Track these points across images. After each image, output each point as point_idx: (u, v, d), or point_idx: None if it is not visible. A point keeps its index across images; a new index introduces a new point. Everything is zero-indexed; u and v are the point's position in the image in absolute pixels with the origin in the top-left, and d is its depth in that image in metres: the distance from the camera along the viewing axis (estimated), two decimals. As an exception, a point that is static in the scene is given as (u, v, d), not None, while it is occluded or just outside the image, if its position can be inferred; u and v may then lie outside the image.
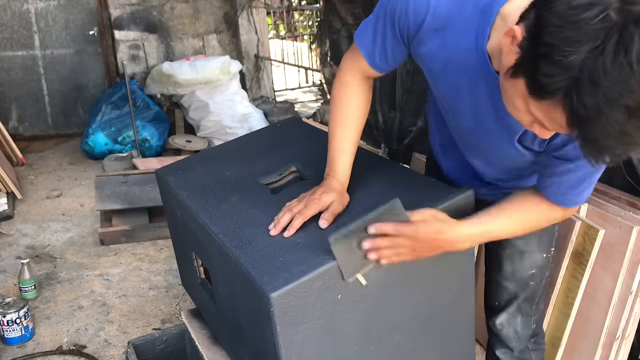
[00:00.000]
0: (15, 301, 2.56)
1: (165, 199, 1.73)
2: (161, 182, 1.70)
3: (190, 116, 5.43)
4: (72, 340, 2.57)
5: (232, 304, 1.36)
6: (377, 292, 1.22)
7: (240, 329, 1.35)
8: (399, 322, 1.30)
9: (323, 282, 1.13)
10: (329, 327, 1.17)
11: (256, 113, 5.44)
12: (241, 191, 1.49)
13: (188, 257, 1.65)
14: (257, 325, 1.20)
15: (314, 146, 1.65)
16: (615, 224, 1.81)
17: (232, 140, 1.85)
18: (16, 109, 5.82)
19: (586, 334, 1.90)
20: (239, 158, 1.70)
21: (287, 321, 1.10)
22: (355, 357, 1.24)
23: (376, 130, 4.12)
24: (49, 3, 5.67)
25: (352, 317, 1.20)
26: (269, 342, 1.15)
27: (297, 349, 1.14)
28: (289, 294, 1.08)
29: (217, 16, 6.08)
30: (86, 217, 3.97)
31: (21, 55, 5.72)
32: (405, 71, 3.71)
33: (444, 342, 1.42)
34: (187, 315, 1.85)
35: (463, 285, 1.39)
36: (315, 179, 1.41)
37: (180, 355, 1.93)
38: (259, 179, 1.55)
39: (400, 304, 1.28)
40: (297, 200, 1.32)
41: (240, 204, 1.42)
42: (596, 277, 1.86)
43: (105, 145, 5.14)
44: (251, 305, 1.20)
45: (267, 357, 1.20)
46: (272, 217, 1.30)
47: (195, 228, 1.45)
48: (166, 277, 3.11)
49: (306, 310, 1.12)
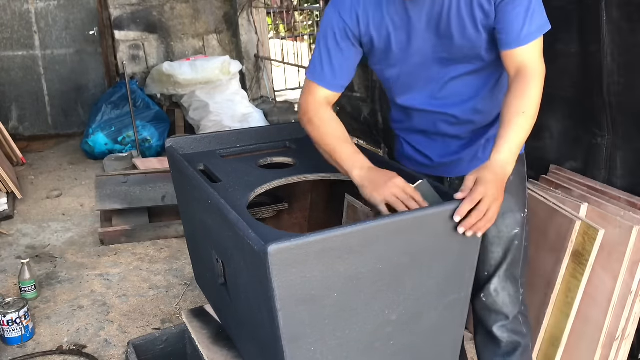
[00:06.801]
0: (16, 301, 2.57)
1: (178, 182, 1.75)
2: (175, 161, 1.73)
3: (191, 116, 5.43)
4: (72, 340, 2.57)
5: (244, 297, 1.37)
6: (379, 272, 1.23)
7: (253, 321, 1.35)
8: (400, 300, 1.29)
9: (322, 247, 1.13)
10: (330, 299, 1.18)
11: (256, 113, 5.44)
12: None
13: (202, 250, 1.66)
14: (258, 290, 1.20)
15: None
16: (615, 224, 1.81)
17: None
18: (16, 109, 5.83)
19: (586, 334, 1.90)
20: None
21: (281, 270, 1.10)
22: (356, 336, 1.24)
23: (376, 131, 4.12)
24: (49, 3, 5.67)
25: (357, 294, 1.21)
26: (269, 306, 1.15)
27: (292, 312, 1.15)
28: (285, 250, 1.08)
29: (217, 16, 6.08)
30: (86, 217, 3.97)
31: (21, 55, 5.73)
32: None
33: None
34: (188, 315, 1.86)
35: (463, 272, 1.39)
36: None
37: (180, 355, 1.93)
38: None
39: (401, 283, 1.28)
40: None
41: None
42: (596, 277, 1.86)
43: (105, 145, 5.14)
44: (251, 270, 1.20)
45: (274, 337, 1.20)
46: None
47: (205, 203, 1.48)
48: (166, 277, 3.11)
49: (304, 273, 1.13)
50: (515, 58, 1.40)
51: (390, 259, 1.22)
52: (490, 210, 1.25)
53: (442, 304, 1.35)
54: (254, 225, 1.18)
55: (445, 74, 1.51)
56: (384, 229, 1.19)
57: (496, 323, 1.66)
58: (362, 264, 1.18)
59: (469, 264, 1.35)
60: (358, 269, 1.18)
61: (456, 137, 1.61)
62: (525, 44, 1.39)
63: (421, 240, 1.24)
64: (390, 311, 1.27)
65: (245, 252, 1.19)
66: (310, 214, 2.02)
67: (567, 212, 1.93)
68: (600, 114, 2.00)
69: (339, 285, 1.17)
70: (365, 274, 1.19)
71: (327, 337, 1.21)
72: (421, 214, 1.24)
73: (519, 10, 1.37)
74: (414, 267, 1.26)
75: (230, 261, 1.38)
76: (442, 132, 1.61)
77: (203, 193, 1.42)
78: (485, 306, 1.67)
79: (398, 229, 1.21)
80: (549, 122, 2.21)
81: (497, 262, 1.63)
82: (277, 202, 1.90)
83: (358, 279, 1.19)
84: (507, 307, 1.65)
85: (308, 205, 2.01)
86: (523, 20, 1.38)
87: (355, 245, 1.16)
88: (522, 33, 1.38)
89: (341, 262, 1.16)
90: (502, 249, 1.62)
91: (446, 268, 1.31)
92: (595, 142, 2.05)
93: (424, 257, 1.27)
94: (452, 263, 1.32)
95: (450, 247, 1.28)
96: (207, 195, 1.39)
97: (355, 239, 1.15)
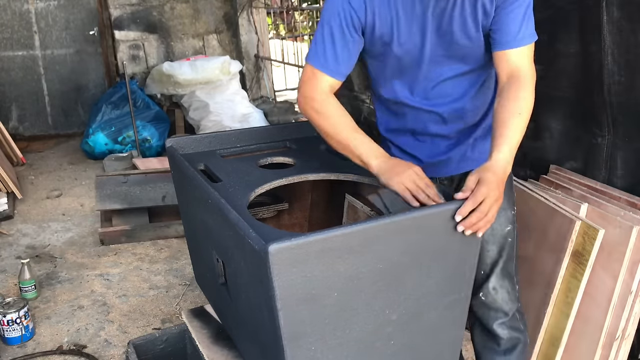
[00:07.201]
0: (16, 301, 2.57)
1: (179, 180, 1.75)
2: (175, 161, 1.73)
3: (191, 116, 5.43)
4: (72, 340, 2.57)
5: (244, 297, 1.37)
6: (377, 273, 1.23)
7: (253, 321, 1.35)
8: (400, 300, 1.29)
9: (323, 246, 1.13)
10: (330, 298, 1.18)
11: (256, 113, 5.44)
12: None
13: (202, 250, 1.66)
14: (257, 287, 1.20)
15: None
16: (615, 224, 1.81)
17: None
18: (16, 109, 5.83)
19: (586, 334, 1.90)
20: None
21: (282, 269, 1.10)
22: (356, 336, 1.24)
23: (376, 131, 4.12)
24: (49, 3, 5.67)
25: (358, 293, 1.21)
26: (268, 301, 1.15)
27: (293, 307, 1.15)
28: (286, 249, 1.08)
29: (217, 16, 6.08)
30: (86, 217, 3.97)
31: (21, 55, 5.73)
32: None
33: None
34: (188, 315, 1.86)
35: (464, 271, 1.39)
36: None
37: (180, 355, 1.93)
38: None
39: (401, 283, 1.28)
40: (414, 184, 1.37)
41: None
42: (596, 277, 1.86)
43: (105, 145, 5.14)
44: (251, 269, 1.20)
45: (274, 335, 1.20)
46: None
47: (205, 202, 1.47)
48: (166, 276, 3.11)
49: (304, 273, 1.13)
50: (509, 59, 1.42)
51: (390, 259, 1.22)
52: (491, 211, 1.26)
53: (443, 304, 1.35)
54: (255, 225, 1.18)
55: (440, 73, 1.51)
56: (384, 229, 1.19)
57: (496, 321, 1.67)
58: (363, 264, 1.18)
59: (469, 264, 1.35)
60: (358, 269, 1.18)
61: (445, 136, 1.62)
62: (520, 45, 1.41)
63: (421, 240, 1.24)
64: (391, 311, 1.27)
65: (245, 252, 1.19)
66: (311, 214, 2.02)
67: (567, 212, 1.93)
68: (600, 114, 2.00)
69: (339, 284, 1.17)
70: (365, 274, 1.19)
71: (327, 336, 1.21)
72: (421, 214, 1.24)
73: (517, 12, 1.39)
74: (414, 267, 1.26)
75: (230, 261, 1.38)
76: (431, 133, 1.62)
77: (203, 193, 1.43)
78: (484, 304, 1.67)
79: (398, 229, 1.21)
80: (549, 122, 2.21)
81: (493, 260, 1.65)
82: (277, 202, 1.90)
83: (358, 279, 1.19)
84: (507, 304, 1.67)
85: (308, 205, 2.01)
86: (520, 22, 1.40)
87: (355, 245, 1.16)
88: (518, 35, 1.40)
89: (341, 262, 1.16)
90: (496, 247, 1.64)
91: (446, 268, 1.31)
92: (595, 142, 2.05)
93: (424, 257, 1.27)
94: (452, 263, 1.32)
95: (450, 247, 1.28)
96: (208, 195, 1.39)
97: (355, 238, 1.16)
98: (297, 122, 2.03)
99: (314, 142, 1.82)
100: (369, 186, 1.59)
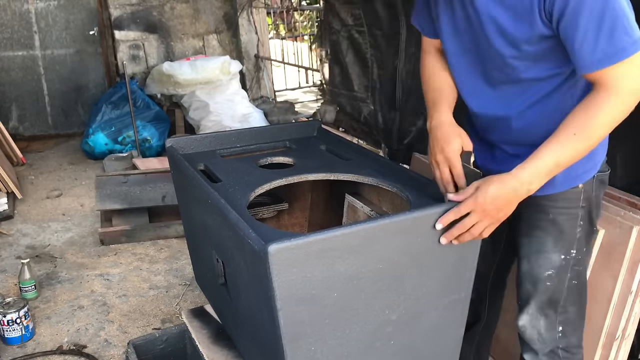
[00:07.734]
0: (16, 301, 2.57)
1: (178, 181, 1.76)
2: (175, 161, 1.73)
3: (191, 116, 5.43)
4: (72, 340, 2.57)
5: (244, 297, 1.37)
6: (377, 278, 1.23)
7: (253, 321, 1.36)
8: (400, 300, 1.29)
9: (323, 246, 1.13)
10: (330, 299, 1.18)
11: (256, 113, 5.44)
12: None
13: (202, 250, 1.66)
14: (258, 290, 1.20)
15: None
16: (615, 224, 1.81)
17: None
18: (16, 109, 5.83)
19: (586, 334, 1.90)
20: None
21: (281, 269, 1.11)
22: (356, 336, 1.24)
23: (376, 131, 4.12)
24: (49, 3, 5.68)
25: (358, 293, 1.21)
26: (268, 303, 1.15)
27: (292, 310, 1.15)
28: (286, 249, 1.09)
29: (217, 16, 6.08)
30: (86, 217, 3.97)
31: (21, 55, 5.73)
32: (406, 71, 3.71)
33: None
34: (188, 315, 1.86)
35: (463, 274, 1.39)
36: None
37: (180, 355, 1.93)
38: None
39: (401, 283, 1.28)
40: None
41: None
42: (596, 277, 1.86)
43: (105, 145, 5.14)
44: (252, 271, 1.20)
45: (274, 337, 1.20)
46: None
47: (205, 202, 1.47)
48: (166, 277, 3.11)
49: (304, 273, 1.13)
50: (592, 77, 1.17)
51: (390, 259, 1.22)
52: (477, 226, 1.19)
53: (442, 304, 1.35)
54: (254, 225, 1.18)
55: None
56: (384, 229, 1.19)
57: (525, 353, 1.58)
58: (362, 264, 1.18)
59: (468, 265, 1.35)
60: (358, 269, 1.18)
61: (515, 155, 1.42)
62: (600, 69, 1.13)
63: (421, 240, 1.24)
64: (391, 311, 1.27)
65: (245, 252, 1.19)
66: (310, 214, 2.02)
67: (567, 212, 1.93)
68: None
69: (339, 285, 1.17)
70: (365, 274, 1.19)
71: (327, 336, 1.21)
72: (421, 214, 1.24)
73: (585, 26, 1.10)
74: (414, 267, 1.26)
75: (230, 261, 1.38)
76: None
77: (203, 193, 1.43)
78: (518, 334, 1.59)
79: (398, 229, 1.21)
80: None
81: (526, 297, 1.53)
82: (277, 202, 1.90)
83: (358, 279, 1.19)
84: (535, 343, 1.54)
85: (308, 205, 2.01)
86: (594, 38, 1.10)
87: (355, 245, 1.16)
88: (594, 55, 1.12)
89: (341, 262, 1.16)
90: (530, 287, 1.52)
91: (446, 268, 1.31)
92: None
93: (424, 257, 1.27)
94: (452, 263, 1.32)
95: (450, 247, 1.28)
96: (208, 195, 1.39)
97: (355, 239, 1.16)
98: (297, 122, 2.03)
99: (314, 142, 1.82)
100: (369, 186, 1.59)
